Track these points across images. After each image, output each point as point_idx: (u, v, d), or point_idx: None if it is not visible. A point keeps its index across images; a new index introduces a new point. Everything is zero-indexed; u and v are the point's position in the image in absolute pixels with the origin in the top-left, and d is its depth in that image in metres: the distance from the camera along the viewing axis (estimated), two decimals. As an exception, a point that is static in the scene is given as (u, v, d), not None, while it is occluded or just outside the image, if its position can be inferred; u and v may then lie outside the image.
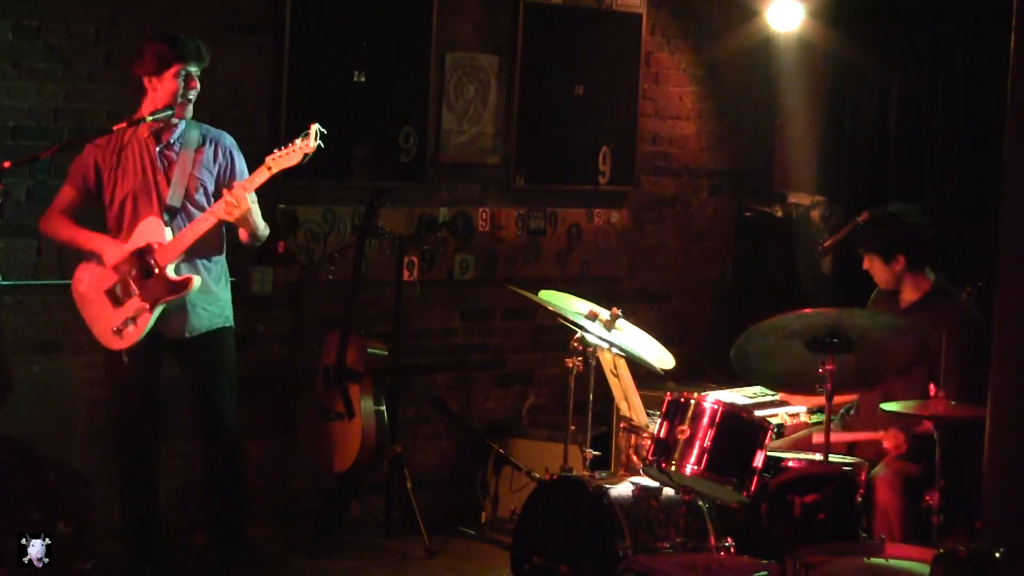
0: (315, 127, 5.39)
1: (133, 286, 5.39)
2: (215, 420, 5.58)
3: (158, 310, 5.39)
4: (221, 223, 5.43)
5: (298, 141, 5.39)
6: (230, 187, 5.42)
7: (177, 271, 5.40)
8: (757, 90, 8.05)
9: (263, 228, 5.54)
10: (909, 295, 5.67)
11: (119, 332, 5.41)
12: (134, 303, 5.40)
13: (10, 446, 4.91)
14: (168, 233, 5.41)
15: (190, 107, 5.45)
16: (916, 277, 5.66)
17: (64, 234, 5.52)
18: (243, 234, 5.52)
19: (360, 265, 6.36)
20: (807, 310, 5.02)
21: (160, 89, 5.39)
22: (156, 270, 5.37)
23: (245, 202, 5.37)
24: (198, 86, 5.44)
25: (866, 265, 5.76)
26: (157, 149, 5.45)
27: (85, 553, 4.60)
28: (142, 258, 5.38)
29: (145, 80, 5.41)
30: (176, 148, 5.48)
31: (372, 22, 6.69)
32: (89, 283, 5.48)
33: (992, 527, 4.12)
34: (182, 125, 5.49)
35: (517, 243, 7.28)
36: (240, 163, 5.60)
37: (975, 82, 7.09)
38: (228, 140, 5.61)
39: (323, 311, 6.61)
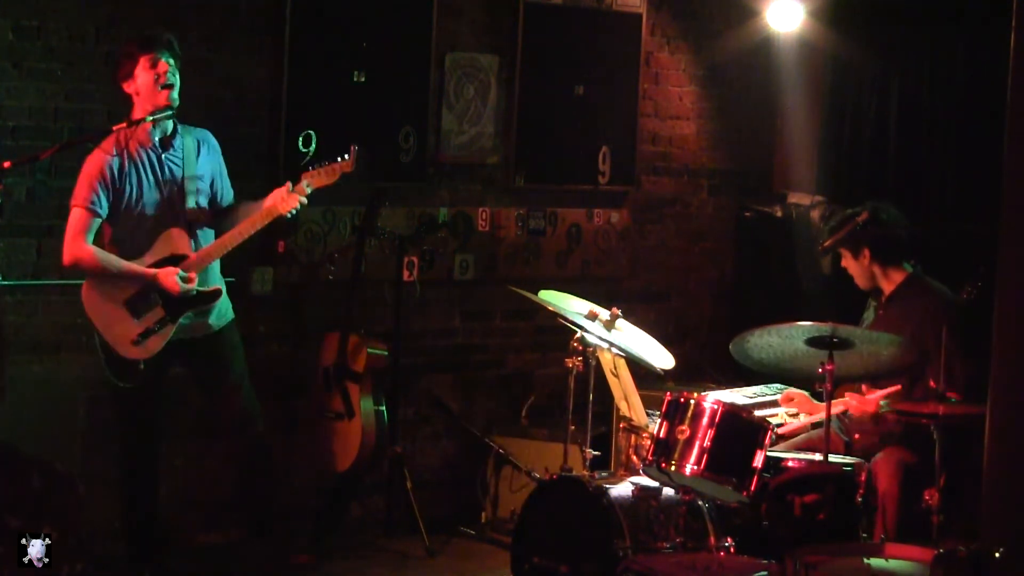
0: (355, 147, 5.57)
1: (156, 297, 5.39)
2: (243, 410, 5.62)
3: (181, 320, 5.40)
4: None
5: (343, 161, 5.56)
6: (218, 193, 5.56)
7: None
8: (757, 90, 8.05)
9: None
10: (886, 288, 5.75)
11: (139, 343, 5.41)
12: (156, 314, 5.40)
13: None
14: (193, 244, 5.43)
15: (173, 93, 5.38)
16: (888, 270, 5.73)
17: (110, 264, 5.37)
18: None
19: (360, 265, 6.36)
20: (803, 323, 5.05)
21: (140, 89, 5.39)
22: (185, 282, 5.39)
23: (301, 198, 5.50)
24: (169, 69, 5.35)
25: (843, 263, 5.84)
26: (164, 157, 5.46)
27: (74, 555, 4.59)
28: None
29: (126, 87, 5.41)
30: (180, 155, 5.48)
31: (372, 22, 6.69)
32: (105, 293, 5.44)
33: (992, 527, 4.12)
34: (178, 129, 5.49)
35: (517, 243, 7.28)
36: (222, 159, 5.65)
37: (975, 82, 7.09)
38: (212, 138, 5.64)
39: (323, 311, 6.61)
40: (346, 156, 5.55)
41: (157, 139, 5.45)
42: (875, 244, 5.72)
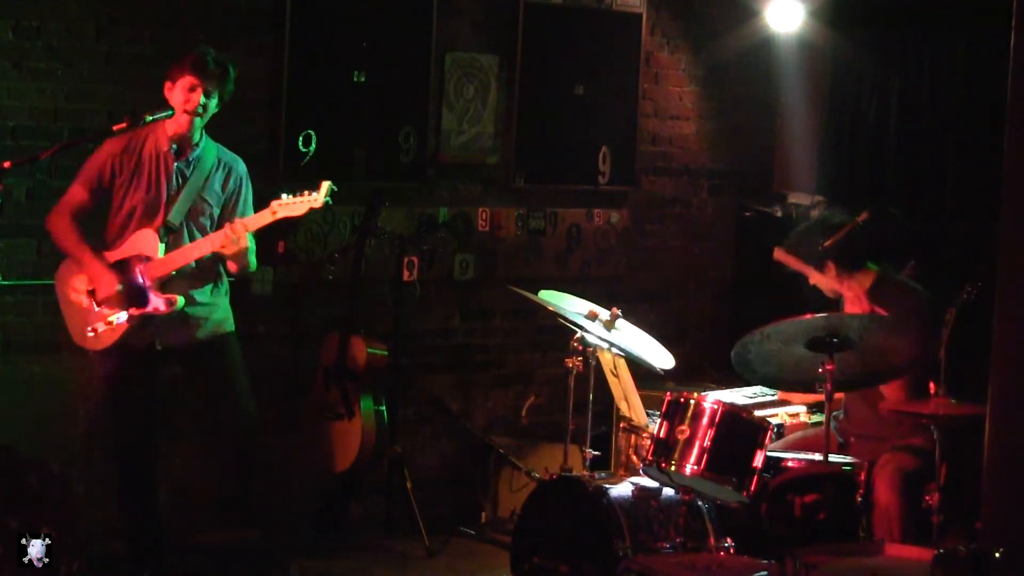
0: (326, 185, 5.40)
1: (118, 291, 5.40)
2: (237, 420, 5.61)
3: (136, 322, 5.39)
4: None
5: (308, 195, 5.40)
6: (231, 220, 5.47)
7: (170, 283, 5.42)
8: (757, 90, 8.05)
9: (253, 264, 5.59)
10: (859, 294, 5.70)
11: (93, 333, 5.43)
12: (113, 310, 5.40)
13: None
14: (161, 249, 5.41)
15: (195, 121, 5.41)
16: (855, 276, 5.70)
17: (68, 244, 5.46)
18: (232, 266, 5.54)
19: (360, 265, 6.36)
20: (806, 316, 5.04)
21: (171, 101, 5.42)
22: (141, 283, 5.38)
23: (244, 240, 5.40)
24: (202, 102, 5.38)
25: (811, 281, 5.80)
26: (176, 165, 5.46)
27: (72, 554, 4.60)
28: (130, 268, 5.39)
29: (166, 88, 5.43)
30: (192, 167, 5.48)
31: (372, 22, 6.69)
32: (74, 279, 5.48)
33: (992, 527, 4.12)
34: (203, 143, 5.50)
35: (517, 243, 7.28)
36: (247, 192, 5.62)
37: (975, 82, 7.09)
38: (242, 168, 5.62)
39: (323, 311, 6.61)
40: (315, 193, 5.41)
41: (175, 145, 5.45)
42: (836, 254, 5.68)
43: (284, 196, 5.45)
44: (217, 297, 5.60)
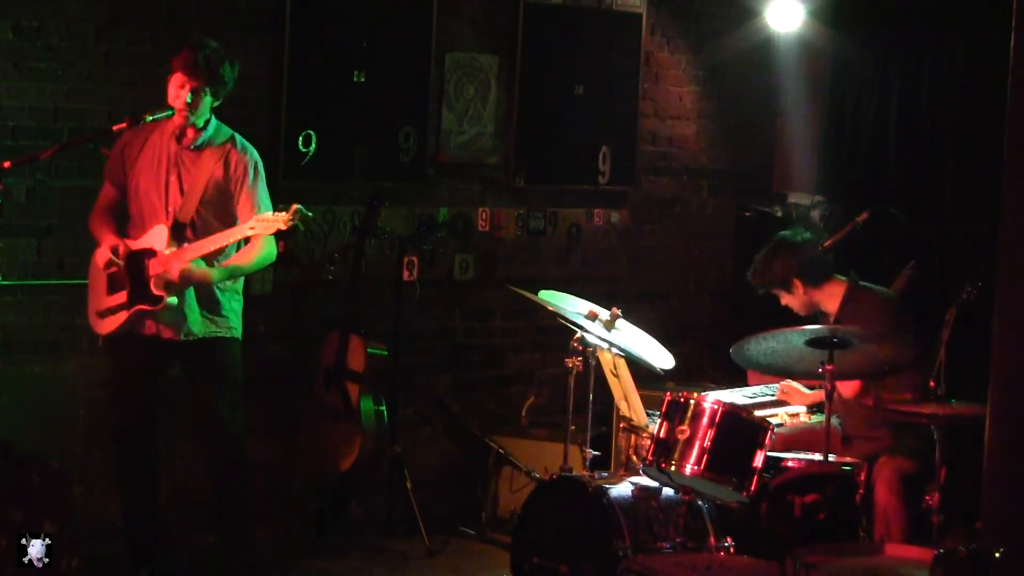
0: (296, 207, 5.27)
1: (126, 281, 5.41)
2: (213, 424, 5.54)
3: (135, 312, 5.39)
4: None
5: (282, 215, 5.29)
6: (246, 207, 5.44)
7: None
8: (757, 90, 8.05)
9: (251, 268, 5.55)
10: (830, 307, 5.71)
11: (100, 317, 5.47)
12: (120, 297, 5.42)
13: None
14: (170, 244, 5.37)
15: (189, 117, 5.35)
16: (825, 289, 5.70)
17: (95, 232, 5.52)
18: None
19: (360, 265, 6.36)
20: (804, 327, 5.06)
21: (168, 91, 5.40)
22: (144, 277, 5.38)
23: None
24: (189, 100, 5.31)
25: (783, 302, 5.81)
26: (175, 150, 5.44)
27: (70, 550, 4.61)
28: (141, 260, 5.39)
29: (168, 78, 5.42)
30: (197, 154, 5.44)
31: (372, 22, 6.69)
32: (101, 260, 5.49)
33: (992, 527, 4.12)
34: (210, 130, 5.45)
35: (517, 243, 7.28)
36: (252, 178, 5.48)
37: (975, 82, 7.09)
38: (252, 155, 5.52)
39: (323, 311, 6.61)
40: (284, 214, 5.29)
41: (178, 132, 5.43)
42: (800, 271, 5.68)
43: (268, 213, 5.37)
44: (226, 299, 5.52)
